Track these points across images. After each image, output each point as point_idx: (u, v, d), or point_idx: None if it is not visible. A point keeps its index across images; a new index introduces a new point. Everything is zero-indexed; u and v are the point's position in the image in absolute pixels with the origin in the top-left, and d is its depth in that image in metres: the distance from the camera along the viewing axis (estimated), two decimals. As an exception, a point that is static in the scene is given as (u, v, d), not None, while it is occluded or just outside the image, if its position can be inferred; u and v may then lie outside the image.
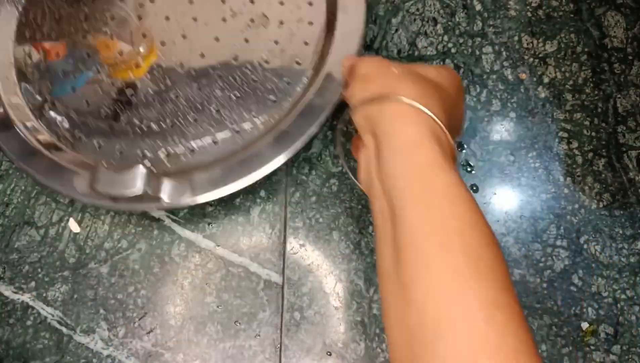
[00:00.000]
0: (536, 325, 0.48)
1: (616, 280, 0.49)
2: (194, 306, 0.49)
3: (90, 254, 0.51)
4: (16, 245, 0.51)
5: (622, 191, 0.52)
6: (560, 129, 0.53)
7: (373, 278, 0.50)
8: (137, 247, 0.51)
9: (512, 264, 0.50)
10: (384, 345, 0.48)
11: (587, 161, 0.52)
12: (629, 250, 0.50)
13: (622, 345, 0.48)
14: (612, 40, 0.56)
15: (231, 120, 0.50)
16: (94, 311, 0.49)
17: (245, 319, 0.49)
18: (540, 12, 0.57)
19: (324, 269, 0.50)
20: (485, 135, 0.53)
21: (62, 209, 0.52)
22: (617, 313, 0.48)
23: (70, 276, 0.50)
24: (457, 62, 0.56)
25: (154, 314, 0.49)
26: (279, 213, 0.52)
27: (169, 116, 0.50)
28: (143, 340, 0.49)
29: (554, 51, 0.56)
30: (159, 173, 0.47)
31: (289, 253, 0.50)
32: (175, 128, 0.50)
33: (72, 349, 0.49)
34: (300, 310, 0.49)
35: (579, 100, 0.54)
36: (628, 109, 0.54)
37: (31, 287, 0.50)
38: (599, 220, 0.51)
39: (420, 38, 0.56)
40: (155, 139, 0.50)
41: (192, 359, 0.48)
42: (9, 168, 0.54)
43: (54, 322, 0.49)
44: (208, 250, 0.51)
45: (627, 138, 0.53)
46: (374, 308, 0.49)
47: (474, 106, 0.54)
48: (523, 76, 0.55)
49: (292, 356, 0.48)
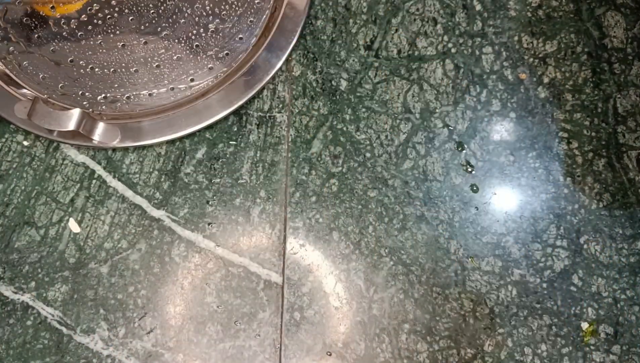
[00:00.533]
0: (536, 325, 0.48)
1: (616, 280, 0.49)
2: (194, 306, 0.49)
3: (91, 254, 0.51)
4: (16, 245, 0.51)
5: (622, 191, 0.52)
6: (560, 129, 0.53)
7: (373, 278, 0.50)
8: (137, 247, 0.51)
9: (512, 264, 0.50)
10: (384, 345, 0.48)
11: (587, 161, 0.52)
12: (629, 250, 0.50)
13: (622, 345, 0.48)
14: (612, 41, 0.56)
15: (169, 78, 0.54)
16: (94, 311, 0.49)
17: (245, 319, 0.49)
18: (540, 12, 0.57)
19: (324, 269, 0.50)
20: (485, 135, 0.53)
21: (62, 209, 0.52)
22: (617, 313, 0.48)
23: (70, 276, 0.50)
24: (457, 62, 0.56)
25: (154, 314, 0.49)
26: (279, 213, 0.52)
27: (113, 63, 0.54)
28: (143, 340, 0.49)
29: (554, 51, 0.56)
30: (94, 115, 0.52)
31: (289, 253, 0.50)
32: (116, 75, 0.54)
33: (72, 349, 0.49)
34: (300, 310, 0.49)
35: (579, 100, 0.54)
36: (628, 109, 0.54)
37: (31, 287, 0.50)
38: (599, 220, 0.51)
39: (420, 38, 0.56)
40: (98, 83, 0.54)
41: (192, 359, 0.48)
42: (9, 168, 0.54)
43: (54, 322, 0.49)
44: (208, 250, 0.51)
45: (627, 138, 0.53)
46: (374, 308, 0.49)
47: (474, 106, 0.54)
48: (523, 76, 0.55)
49: (292, 356, 0.48)
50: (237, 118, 0.54)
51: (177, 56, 0.55)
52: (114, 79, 0.54)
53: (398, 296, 0.49)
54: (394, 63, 0.56)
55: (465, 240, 0.51)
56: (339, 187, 0.52)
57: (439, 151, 0.53)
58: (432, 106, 0.54)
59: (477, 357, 0.48)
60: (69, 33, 0.55)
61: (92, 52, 0.55)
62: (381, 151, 0.53)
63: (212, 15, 0.56)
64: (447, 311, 0.49)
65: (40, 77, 0.54)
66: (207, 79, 0.55)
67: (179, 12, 0.56)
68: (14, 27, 0.55)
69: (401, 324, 0.49)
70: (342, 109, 0.54)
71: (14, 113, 0.51)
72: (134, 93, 0.54)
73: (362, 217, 0.51)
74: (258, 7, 0.57)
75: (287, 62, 0.56)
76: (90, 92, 0.54)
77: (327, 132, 0.54)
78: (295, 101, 0.55)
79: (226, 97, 0.53)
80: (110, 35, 0.55)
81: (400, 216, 0.51)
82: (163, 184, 0.52)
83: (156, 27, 0.56)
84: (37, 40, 0.55)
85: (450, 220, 0.51)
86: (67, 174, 0.53)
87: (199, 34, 0.56)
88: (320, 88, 0.55)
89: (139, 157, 0.53)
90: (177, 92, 0.54)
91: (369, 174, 0.52)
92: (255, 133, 0.54)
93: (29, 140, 0.54)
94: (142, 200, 0.52)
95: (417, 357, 0.48)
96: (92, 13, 0.56)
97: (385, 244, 0.51)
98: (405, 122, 0.54)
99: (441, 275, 0.50)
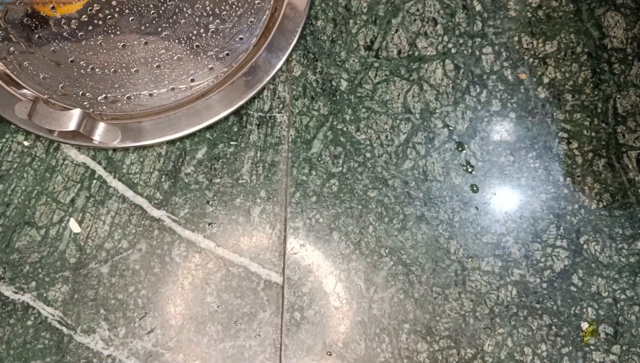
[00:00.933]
0: (536, 325, 0.48)
1: (616, 280, 0.49)
2: (194, 306, 0.50)
3: (91, 254, 0.51)
4: (17, 245, 0.51)
5: (622, 191, 0.52)
6: (560, 130, 0.53)
7: (373, 278, 0.50)
8: (137, 247, 0.51)
9: (512, 264, 0.50)
10: (384, 345, 0.48)
11: (587, 161, 0.53)
12: (628, 250, 0.50)
13: (622, 345, 0.48)
14: (612, 41, 0.56)
15: (170, 78, 0.54)
16: (94, 311, 0.50)
17: (245, 319, 0.49)
18: (540, 12, 0.57)
19: (324, 269, 0.50)
20: (485, 135, 0.53)
21: (63, 209, 0.52)
22: (617, 313, 0.48)
23: (70, 277, 0.50)
24: (457, 62, 0.56)
25: (154, 314, 0.49)
26: (279, 213, 0.52)
27: (114, 64, 0.54)
28: (143, 340, 0.49)
29: (554, 51, 0.56)
30: (95, 116, 0.52)
31: (289, 253, 0.51)
32: (117, 76, 0.54)
33: (73, 349, 0.49)
34: (300, 310, 0.49)
35: (579, 100, 0.54)
36: (628, 110, 0.54)
37: (32, 287, 0.50)
38: (598, 220, 0.51)
39: (420, 38, 0.56)
40: (98, 83, 0.54)
41: (192, 359, 0.48)
42: (9, 168, 0.54)
43: (54, 322, 0.49)
44: (208, 250, 0.51)
45: (627, 138, 0.53)
46: (374, 308, 0.49)
47: (474, 106, 0.54)
48: (523, 76, 0.55)
49: (292, 356, 0.48)
50: (237, 118, 0.54)
51: (177, 56, 0.55)
52: (115, 79, 0.54)
53: (398, 296, 0.49)
54: (394, 63, 0.56)
55: (465, 240, 0.51)
56: (339, 187, 0.52)
57: (439, 151, 0.53)
58: (432, 106, 0.54)
59: (477, 357, 0.48)
60: (70, 33, 0.55)
61: (92, 53, 0.55)
62: (381, 151, 0.53)
63: (212, 16, 0.57)
64: (447, 311, 0.49)
65: (41, 78, 0.54)
66: (207, 79, 0.55)
67: (179, 12, 0.56)
68: (14, 28, 0.55)
69: (401, 324, 0.49)
70: (342, 109, 0.54)
71: (14, 113, 0.51)
72: (135, 93, 0.54)
73: (362, 217, 0.51)
74: (258, 7, 0.57)
75: (287, 63, 0.56)
76: (91, 93, 0.54)
77: (327, 132, 0.54)
78: (295, 101, 0.55)
79: (226, 98, 0.53)
80: (111, 36, 0.55)
81: (400, 216, 0.51)
82: (163, 184, 0.52)
83: (157, 28, 0.56)
84: (37, 41, 0.55)
85: (450, 220, 0.51)
86: (68, 175, 0.53)
87: (200, 34, 0.56)
88: (321, 88, 0.55)
89: (139, 157, 0.53)
90: (178, 93, 0.54)
91: (369, 175, 0.53)
92: (255, 133, 0.54)
93: (29, 140, 0.54)
94: (143, 200, 0.52)
95: (417, 356, 0.48)
96: (93, 13, 0.56)
97: (386, 244, 0.51)
98: (405, 123, 0.54)
99: (441, 275, 0.50)
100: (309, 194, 0.52)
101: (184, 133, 0.52)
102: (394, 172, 0.53)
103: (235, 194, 0.52)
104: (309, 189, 0.52)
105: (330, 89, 0.55)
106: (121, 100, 0.54)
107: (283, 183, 0.52)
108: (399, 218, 0.51)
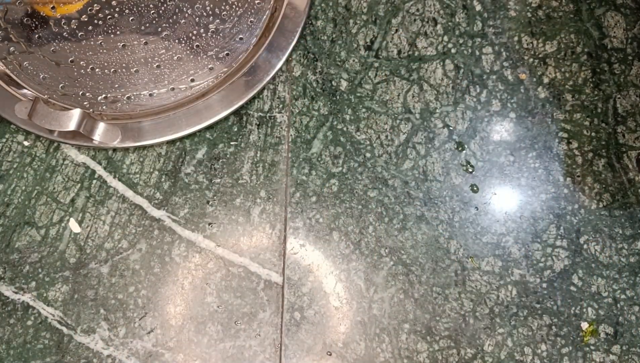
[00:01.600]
0: (536, 325, 0.48)
1: (616, 280, 0.49)
2: (194, 306, 0.50)
3: (91, 254, 0.51)
4: (17, 245, 0.51)
5: (622, 191, 0.52)
6: (560, 130, 0.53)
7: (373, 278, 0.50)
8: (137, 247, 0.51)
9: (512, 264, 0.50)
10: (384, 345, 0.48)
11: (587, 161, 0.53)
12: (628, 250, 0.50)
13: (622, 345, 0.48)
14: (612, 41, 0.56)
15: (170, 78, 0.54)
16: (94, 311, 0.50)
17: (245, 319, 0.49)
18: (540, 12, 0.57)
19: (324, 269, 0.50)
20: (485, 135, 0.53)
21: (63, 209, 0.52)
22: (617, 313, 0.48)
23: (70, 277, 0.50)
24: (457, 62, 0.56)
25: (154, 314, 0.49)
26: (279, 213, 0.52)
27: (114, 64, 0.54)
28: (143, 340, 0.49)
29: (554, 51, 0.56)
30: (95, 116, 0.52)
31: (289, 253, 0.51)
32: (117, 76, 0.54)
33: (73, 349, 0.49)
34: (300, 310, 0.49)
35: (579, 100, 0.54)
36: (628, 110, 0.54)
37: (32, 287, 0.50)
38: (598, 220, 0.51)
39: (420, 38, 0.56)
40: (98, 83, 0.54)
41: (193, 359, 0.48)
42: (9, 168, 0.54)
43: (54, 321, 0.49)
44: (208, 250, 0.51)
45: (627, 138, 0.53)
46: (374, 308, 0.49)
47: (474, 106, 0.54)
48: (523, 76, 0.55)
49: (292, 356, 0.48)
50: (237, 118, 0.54)
51: (177, 56, 0.55)
52: (115, 79, 0.54)
53: (398, 296, 0.49)
54: (394, 63, 0.56)
55: (465, 240, 0.51)
56: (339, 187, 0.52)
57: (439, 151, 0.53)
58: (432, 106, 0.54)
59: (477, 357, 0.48)
60: (70, 33, 0.55)
61: (92, 53, 0.55)
62: (381, 151, 0.53)
63: (212, 16, 0.57)
64: (447, 311, 0.49)
65: (41, 78, 0.54)
66: (207, 79, 0.55)
67: (179, 12, 0.56)
68: (14, 28, 0.56)
69: (401, 324, 0.49)
70: (342, 109, 0.55)
71: (14, 113, 0.51)
72: (135, 93, 0.54)
73: (362, 217, 0.51)
74: (258, 7, 0.57)
75: (287, 63, 0.56)
76: (91, 93, 0.54)
77: (327, 132, 0.54)
78: (295, 101, 0.55)
79: (226, 98, 0.53)
80: (111, 36, 0.56)
81: (400, 216, 0.51)
82: (163, 184, 0.52)
83: (156, 28, 0.56)
84: (37, 41, 0.55)
85: (450, 220, 0.51)
86: (68, 175, 0.53)
87: (200, 34, 0.56)
88: (321, 88, 0.55)
89: (139, 157, 0.53)
90: (178, 93, 0.54)
91: (369, 175, 0.53)
92: (255, 133, 0.54)
93: (29, 140, 0.54)
94: (143, 200, 0.52)
95: (417, 356, 0.48)
96: (93, 13, 0.56)
97: (385, 244, 0.51)
98: (405, 123, 0.54)
99: (441, 275, 0.50)
100: (309, 194, 0.52)
101: (184, 133, 0.52)
102: (394, 172, 0.53)
103: (235, 194, 0.52)
104: (309, 189, 0.52)
105: (330, 89, 0.55)
106: (121, 100, 0.54)
107: (283, 183, 0.52)
108: (399, 218, 0.51)
